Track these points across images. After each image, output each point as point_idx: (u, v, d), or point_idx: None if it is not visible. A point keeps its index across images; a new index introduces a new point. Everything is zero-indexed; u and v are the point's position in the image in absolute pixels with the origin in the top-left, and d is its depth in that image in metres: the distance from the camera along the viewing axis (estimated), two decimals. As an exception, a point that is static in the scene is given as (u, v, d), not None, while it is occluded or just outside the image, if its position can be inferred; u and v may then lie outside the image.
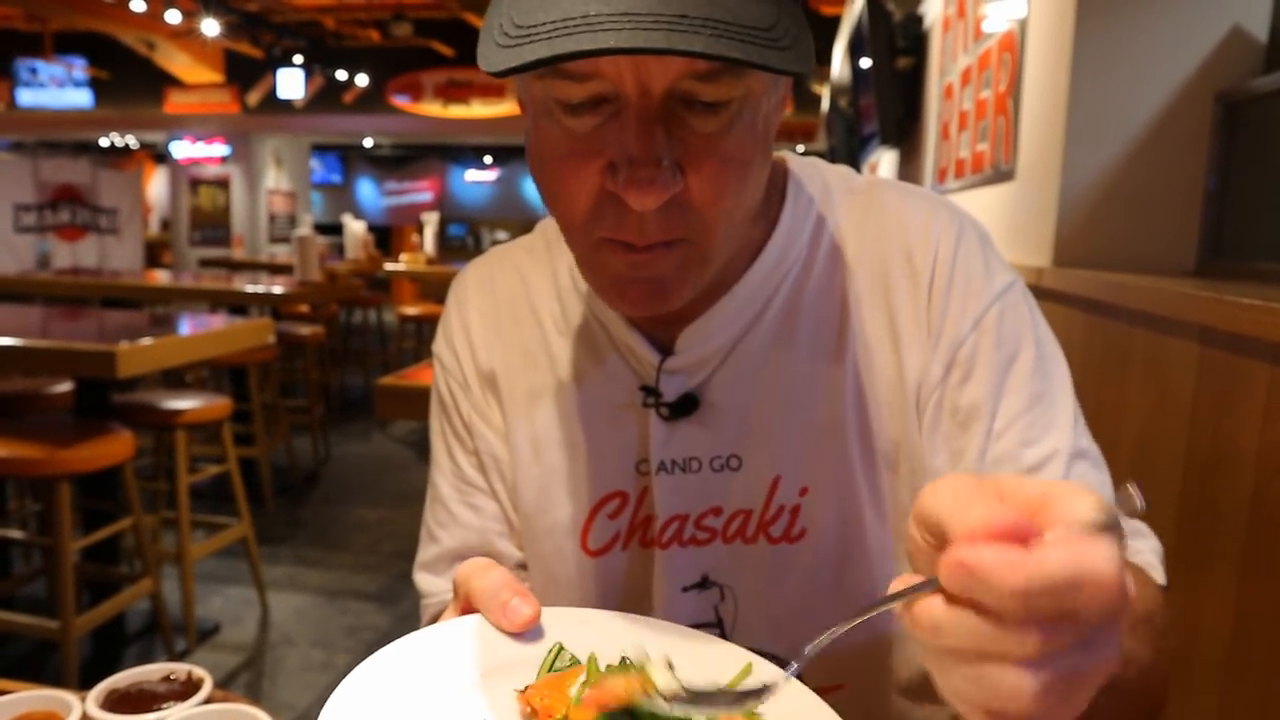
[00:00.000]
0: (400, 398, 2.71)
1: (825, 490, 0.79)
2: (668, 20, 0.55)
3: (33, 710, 0.76)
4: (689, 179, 0.65)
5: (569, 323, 0.89)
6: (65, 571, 2.65)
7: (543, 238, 0.96)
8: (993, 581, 0.37)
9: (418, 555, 0.96)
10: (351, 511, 4.86)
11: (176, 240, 13.25)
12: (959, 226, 0.80)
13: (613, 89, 0.63)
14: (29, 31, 11.75)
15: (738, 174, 0.67)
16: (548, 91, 0.65)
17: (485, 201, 19.52)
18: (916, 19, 4.08)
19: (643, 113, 0.62)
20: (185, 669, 0.80)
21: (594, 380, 0.86)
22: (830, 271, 0.82)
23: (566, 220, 0.71)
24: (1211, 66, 1.90)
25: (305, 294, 5.64)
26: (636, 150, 0.63)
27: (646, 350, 0.82)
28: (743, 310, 0.80)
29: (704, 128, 0.64)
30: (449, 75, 11.94)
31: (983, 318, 0.77)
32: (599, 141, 0.65)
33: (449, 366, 0.95)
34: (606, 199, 0.66)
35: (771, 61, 0.56)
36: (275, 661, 3.23)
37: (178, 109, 12.66)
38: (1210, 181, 1.90)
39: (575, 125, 0.65)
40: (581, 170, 0.66)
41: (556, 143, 0.67)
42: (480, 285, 0.96)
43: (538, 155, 0.70)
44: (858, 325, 0.80)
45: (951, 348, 0.77)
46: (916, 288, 0.79)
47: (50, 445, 2.64)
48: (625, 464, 0.84)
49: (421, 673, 0.58)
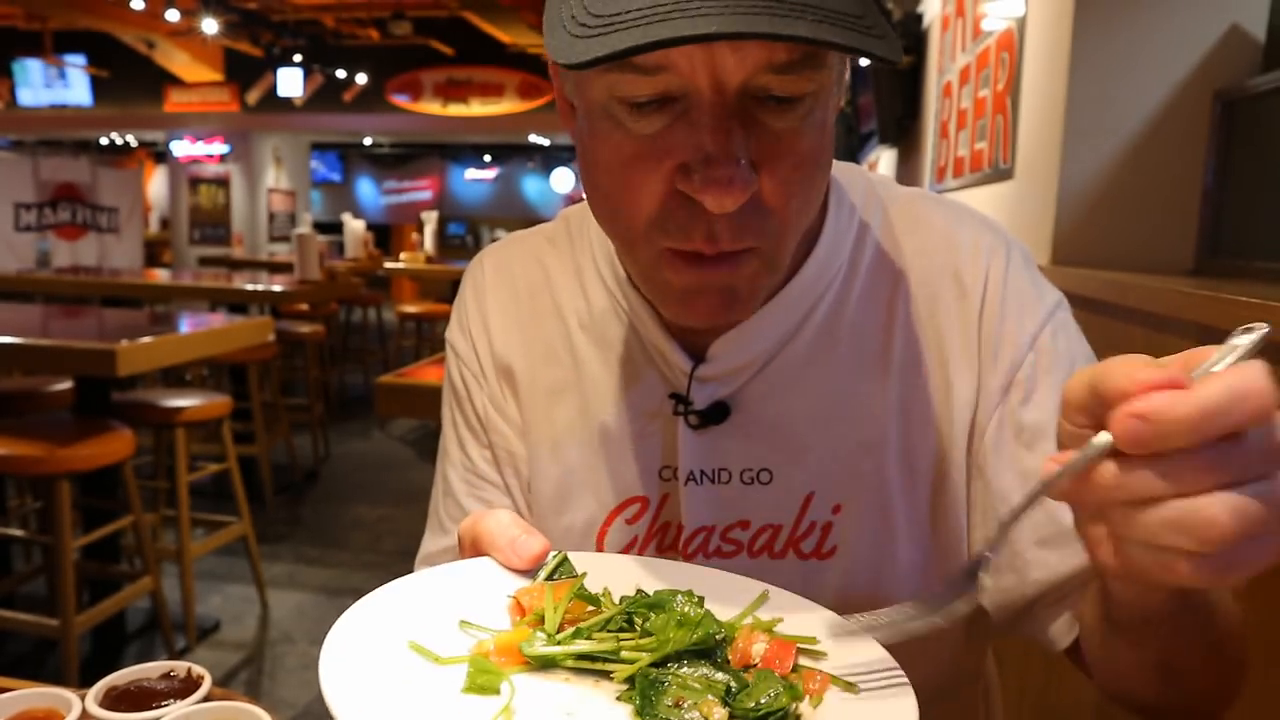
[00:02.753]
0: (400, 396, 2.71)
1: (859, 508, 0.77)
2: (765, 4, 0.52)
3: (32, 708, 0.76)
4: (763, 179, 0.62)
5: (594, 320, 0.85)
6: (65, 569, 2.65)
7: (565, 226, 0.92)
8: (1165, 418, 0.40)
9: (422, 547, 0.92)
10: (351, 510, 4.87)
11: (176, 239, 13.25)
12: (1006, 247, 0.79)
13: (683, 85, 0.59)
14: (29, 30, 11.73)
15: (810, 174, 0.65)
16: (611, 90, 0.61)
17: (484, 200, 19.51)
18: (915, 18, 4.08)
19: (718, 108, 0.59)
20: (185, 667, 0.80)
21: (620, 382, 0.83)
22: (874, 285, 0.79)
23: (629, 231, 0.67)
24: (1210, 65, 1.90)
25: (305, 292, 5.64)
26: (714, 148, 0.59)
27: (679, 357, 0.79)
28: (783, 320, 0.77)
29: (777, 124, 0.61)
30: (448, 74, 11.93)
31: (1038, 336, 0.75)
32: (667, 143, 0.61)
33: (463, 355, 0.91)
34: (675, 204, 0.63)
35: (874, 49, 0.54)
36: (275, 659, 3.23)
37: (177, 108, 12.66)
38: (1208, 180, 1.90)
39: (640, 127, 0.62)
40: (649, 175, 0.62)
41: (619, 146, 0.63)
42: (499, 273, 0.92)
43: (595, 163, 0.66)
44: (902, 342, 0.78)
45: (1010, 369, 0.75)
46: (967, 308, 0.77)
47: (50, 444, 2.64)
48: (648, 469, 0.81)
49: (423, 609, 0.57)
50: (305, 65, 11.44)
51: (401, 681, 0.51)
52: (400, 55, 11.81)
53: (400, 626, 0.55)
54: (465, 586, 0.61)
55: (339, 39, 11.42)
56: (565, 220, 0.92)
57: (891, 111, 4.11)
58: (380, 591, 0.57)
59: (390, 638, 0.54)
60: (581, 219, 0.90)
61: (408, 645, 0.54)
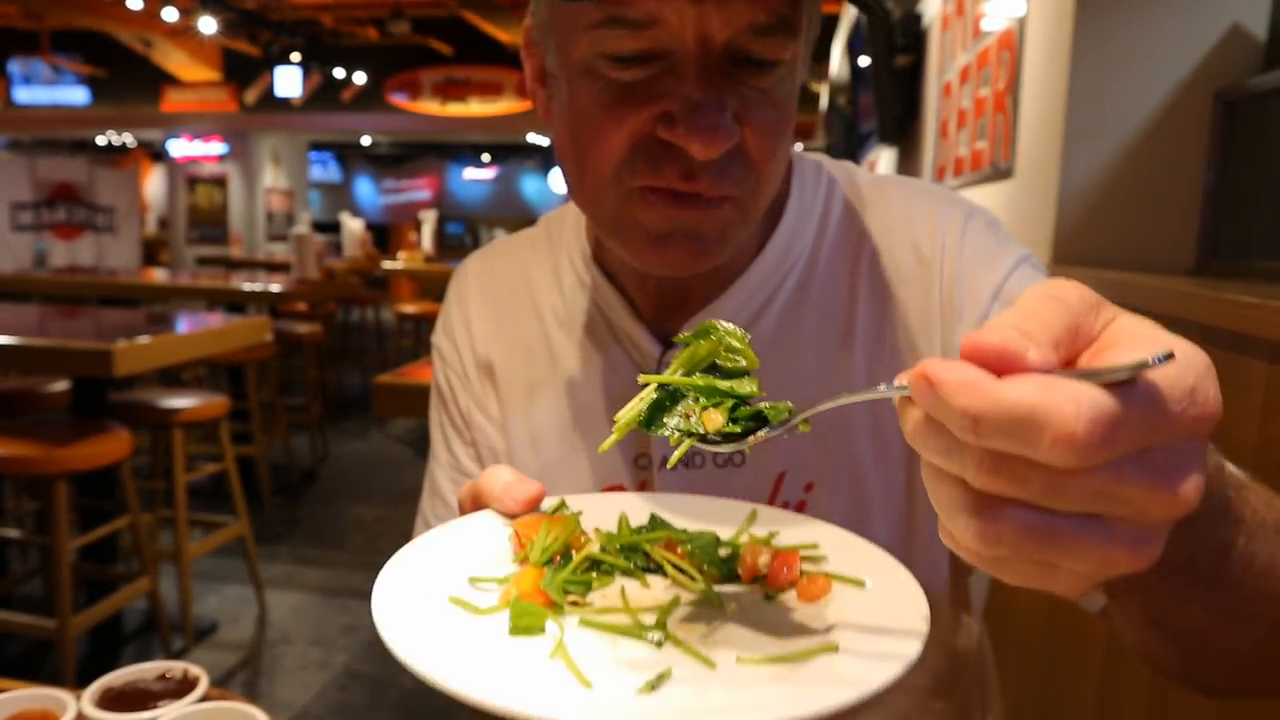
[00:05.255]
0: (398, 396, 2.71)
1: (832, 485, 0.78)
2: None
3: (28, 709, 0.76)
4: (745, 131, 0.66)
5: (570, 315, 0.88)
6: (62, 570, 2.65)
7: (545, 231, 0.95)
8: (945, 398, 0.35)
9: None
10: (349, 510, 4.86)
11: (174, 238, 13.23)
12: (965, 213, 0.80)
13: (669, 41, 0.63)
14: (26, 29, 11.72)
15: (785, 134, 0.69)
16: (597, 45, 0.64)
17: (483, 199, 19.50)
18: (915, 17, 4.08)
19: (704, 62, 0.63)
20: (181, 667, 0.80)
21: (594, 373, 0.85)
22: (836, 262, 0.81)
23: (596, 173, 0.69)
24: (1210, 65, 1.89)
25: (303, 292, 5.63)
26: (701, 96, 0.63)
27: (649, 342, 0.81)
28: (750, 300, 0.80)
29: (757, 84, 0.65)
30: (447, 73, 11.92)
31: (1002, 287, 0.76)
32: (651, 91, 0.65)
33: (448, 358, 0.94)
34: (650, 147, 0.66)
35: None
36: (273, 660, 3.22)
37: (175, 107, 12.64)
38: (1209, 180, 1.90)
39: (623, 76, 0.65)
40: (629, 117, 0.66)
41: (600, 95, 0.66)
42: (481, 277, 0.95)
43: (573, 116, 0.69)
44: (866, 316, 0.80)
45: (976, 322, 0.76)
46: (926, 276, 0.78)
47: (47, 444, 2.63)
48: (625, 458, 0.83)
49: (438, 567, 0.59)
50: (303, 64, 11.44)
51: (458, 631, 0.52)
52: (399, 54, 11.80)
53: (430, 584, 0.57)
54: (471, 538, 0.63)
55: (337, 38, 11.41)
56: (545, 224, 0.96)
57: (891, 111, 4.11)
58: (401, 554, 0.59)
59: (430, 593, 0.55)
60: (560, 221, 0.94)
61: (448, 600, 0.55)
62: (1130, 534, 0.35)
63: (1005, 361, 0.35)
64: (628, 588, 0.58)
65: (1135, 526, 0.35)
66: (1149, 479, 0.34)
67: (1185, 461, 0.35)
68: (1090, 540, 0.35)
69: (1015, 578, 0.38)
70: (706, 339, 0.56)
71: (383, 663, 3.19)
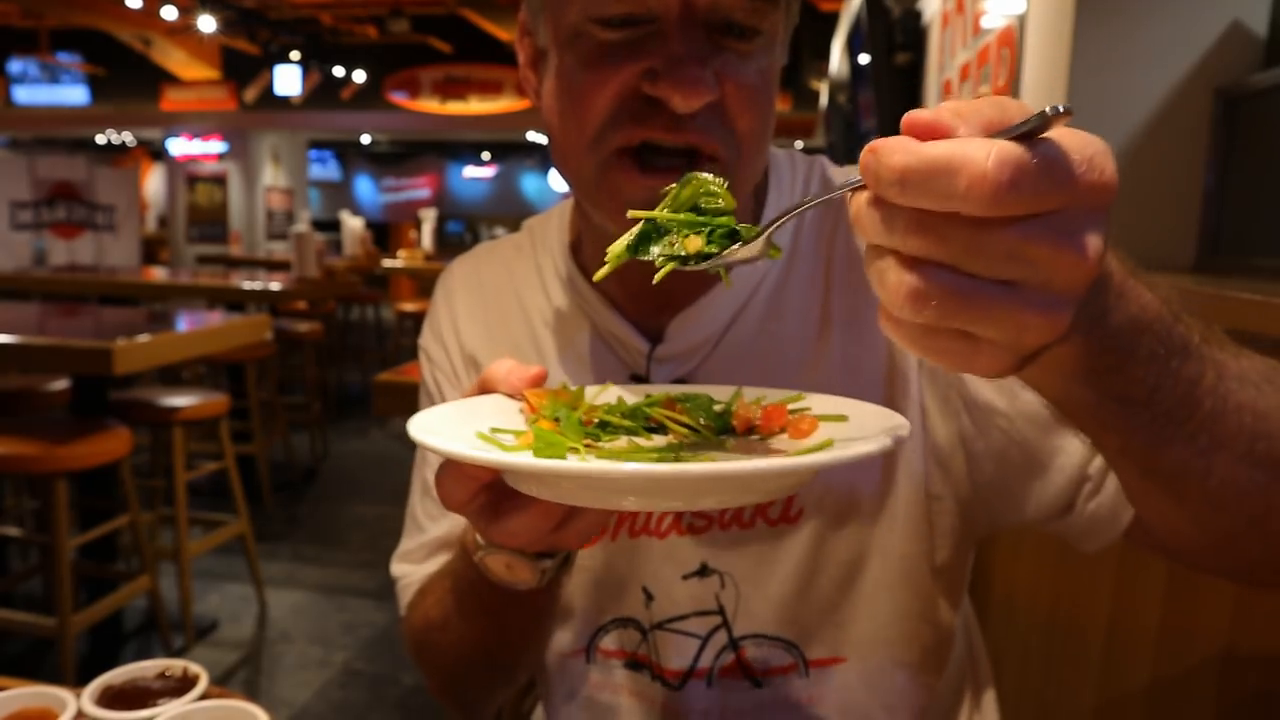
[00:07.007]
0: (398, 394, 2.70)
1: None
2: None
3: (28, 707, 0.76)
4: (726, 89, 0.68)
5: (556, 315, 0.89)
6: (62, 569, 2.65)
7: (529, 234, 0.96)
8: (881, 159, 0.38)
9: (400, 546, 0.97)
10: (349, 508, 4.86)
11: (173, 237, 13.22)
12: None
13: (655, 5, 0.66)
14: (25, 28, 11.71)
15: (766, 98, 0.71)
16: (586, 9, 0.67)
17: (483, 198, 19.49)
18: (915, 14, 4.07)
19: (687, 22, 0.66)
20: (181, 665, 0.80)
21: (581, 372, 0.87)
22: (813, 251, 0.84)
23: (581, 134, 0.71)
24: (1211, 62, 1.89)
25: (303, 291, 5.63)
26: (682, 51, 0.66)
27: (636, 339, 0.83)
28: (733, 296, 0.82)
29: (738, 47, 0.69)
30: (447, 71, 11.91)
31: None
32: (636, 49, 0.67)
33: (436, 359, 0.96)
34: (634, 102, 0.68)
35: None
36: (273, 658, 3.23)
37: (174, 106, 12.63)
38: (1209, 177, 1.90)
39: (610, 36, 0.68)
40: (615, 73, 0.68)
41: (587, 54, 0.69)
42: (467, 280, 0.97)
43: (559, 81, 0.71)
44: (841, 301, 0.82)
45: None
46: None
47: (47, 442, 2.63)
48: None
49: (468, 419, 0.62)
50: (303, 63, 11.44)
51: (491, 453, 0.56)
52: (398, 53, 11.79)
53: (457, 430, 0.60)
54: (484, 408, 0.65)
55: (337, 36, 11.40)
56: (529, 228, 0.98)
57: (891, 109, 4.10)
58: (422, 413, 0.62)
59: (458, 433, 0.59)
60: (544, 224, 0.96)
61: (476, 435, 0.60)
62: (1041, 299, 0.39)
63: (936, 133, 0.38)
64: (634, 441, 0.63)
65: (1045, 291, 0.39)
66: (1055, 238, 0.38)
67: (1087, 225, 0.39)
68: (1005, 302, 0.39)
69: (943, 357, 0.42)
70: (688, 185, 0.59)
71: (383, 661, 3.20)
